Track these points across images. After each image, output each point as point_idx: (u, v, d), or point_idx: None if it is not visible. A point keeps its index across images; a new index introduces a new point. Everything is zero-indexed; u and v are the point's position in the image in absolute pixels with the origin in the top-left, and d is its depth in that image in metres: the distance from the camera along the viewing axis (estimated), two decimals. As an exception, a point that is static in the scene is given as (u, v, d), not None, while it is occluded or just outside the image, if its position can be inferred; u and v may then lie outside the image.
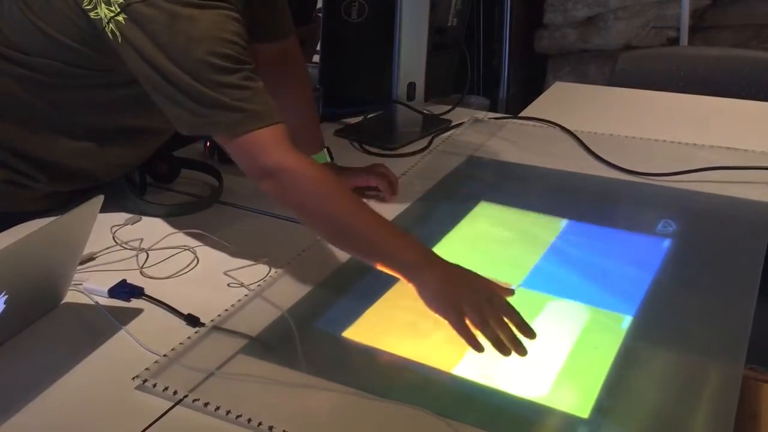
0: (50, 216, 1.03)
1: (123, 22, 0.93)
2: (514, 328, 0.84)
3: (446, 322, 0.86)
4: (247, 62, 0.95)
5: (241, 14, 0.97)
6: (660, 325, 0.93)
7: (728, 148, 1.42)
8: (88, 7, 0.94)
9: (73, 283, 0.95)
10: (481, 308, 0.85)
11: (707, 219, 1.22)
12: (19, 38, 1.02)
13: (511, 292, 0.90)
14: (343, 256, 1.06)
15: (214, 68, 0.92)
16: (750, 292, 0.97)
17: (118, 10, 0.92)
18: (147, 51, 0.92)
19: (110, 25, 0.93)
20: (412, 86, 1.50)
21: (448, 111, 1.59)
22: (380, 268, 0.92)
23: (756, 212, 1.19)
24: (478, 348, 0.83)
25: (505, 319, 0.85)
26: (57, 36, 0.99)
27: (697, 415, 0.78)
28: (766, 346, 0.98)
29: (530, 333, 0.84)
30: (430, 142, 1.47)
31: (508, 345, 0.83)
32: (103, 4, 0.93)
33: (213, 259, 1.05)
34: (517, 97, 2.89)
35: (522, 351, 0.83)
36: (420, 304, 0.94)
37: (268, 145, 0.95)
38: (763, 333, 0.93)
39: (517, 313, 0.85)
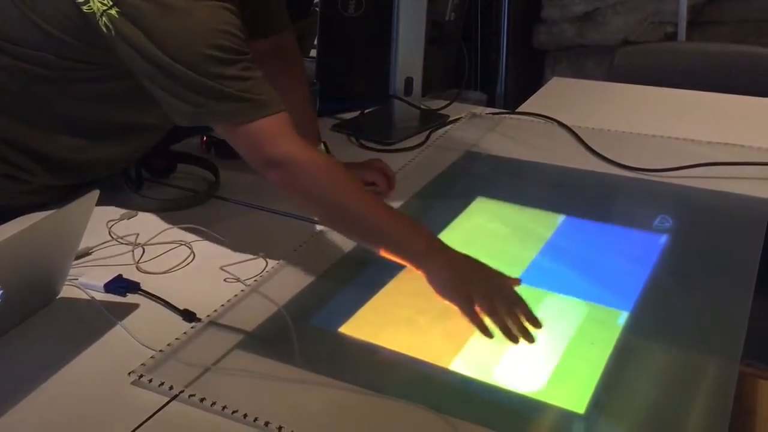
0: (45, 210, 1.03)
1: (116, 15, 0.92)
2: (521, 317, 0.86)
3: (442, 317, 0.86)
4: (245, 52, 0.95)
5: (236, 7, 0.97)
6: (656, 321, 0.93)
7: (726, 143, 1.41)
8: (80, 0, 0.94)
9: (68, 277, 0.95)
10: (491, 296, 0.87)
11: (704, 215, 1.22)
12: (12, 30, 1.02)
13: (518, 281, 0.92)
14: (340, 251, 1.06)
15: (215, 60, 0.92)
16: (746, 288, 0.97)
17: (111, 3, 0.92)
18: (141, 45, 0.92)
19: (103, 18, 0.93)
20: (409, 81, 1.50)
21: (446, 106, 1.59)
22: (389, 256, 0.93)
23: (753, 208, 1.19)
24: (488, 334, 0.85)
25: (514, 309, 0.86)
26: (50, 29, 0.99)
27: (693, 411, 0.78)
28: (762, 341, 0.98)
29: (537, 323, 0.87)
30: (428, 137, 1.47)
31: (516, 333, 0.85)
32: None
33: (209, 254, 1.05)
34: (514, 92, 2.88)
35: (530, 338, 0.85)
36: (417, 300, 0.94)
37: (273, 134, 0.95)
38: (760, 329, 0.93)
39: (525, 303, 0.88)
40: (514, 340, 0.85)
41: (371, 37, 1.56)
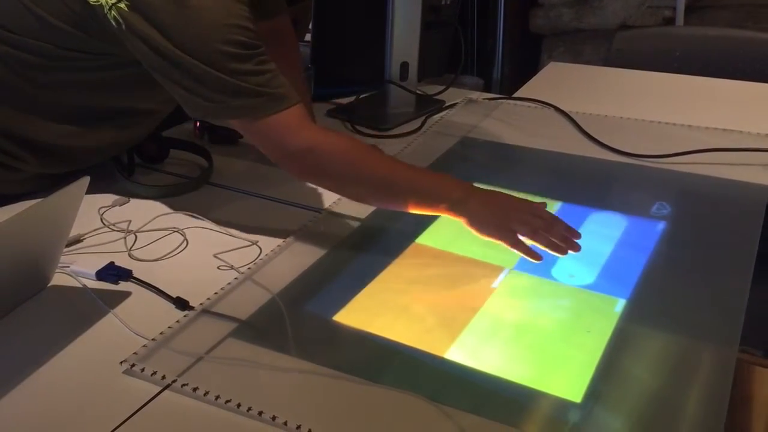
0: (36, 198, 1.02)
1: (126, 9, 0.91)
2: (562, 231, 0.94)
3: (438, 305, 0.87)
4: (259, 45, 0.94)
5: None
6: (654, 309, 0.92)
7: (724, 129, 1.41)
8: None
9: (60, 265, 0.94)
10: (529, 222, 0.94)
11: (702, 201, 1.21)
12: (8, 18, 1.00)
13: (545, 204, 0.99)
14: (334, 238, 1.05)
15: (231, 56, 0.91)
16: (744, 275, 0.96)
17: None
18: (155, 40, 0.91)
19: (112, 11, 0.91)
20: (405, 66, 1.48)
21: (442, 91, 1.57)
22: (428, 212, 0.97)
23: (751, 194, 1.18)
24: (536, 257, 0.93)
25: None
26: (49, 18, 0.97)
27: (690, 399, 0.78)
28: (760, 328, 0.98)
29: (576, 233, 0.94)
30: (423, 123, 1.46)
31: (562, 245, 0.93)
32: None
33: (202, 241, 1.04)
34: (511, 77, 2.86)
35: (575, 247, 0.93)
36: (412, 288, 0.94)
37: (293, 126, 0.95)
38: (757, 316, 0.93)
39: (560, 219, 0.95)
40: (561, 252, 0.92)
41: (366, 21, 1.54)
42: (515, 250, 0.93)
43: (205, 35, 0.91)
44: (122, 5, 0.91)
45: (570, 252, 0.93)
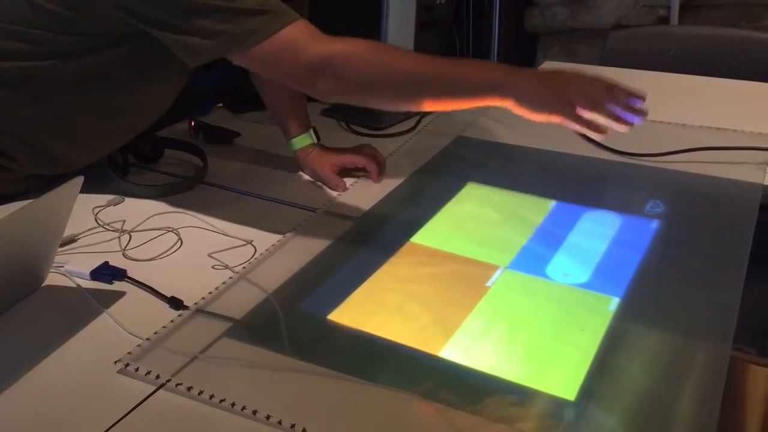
0: (29, 198, 1.01)
1: None
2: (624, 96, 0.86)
3: (432, 303, 0.86)
4: None
5: None
6: (647, 307, 0.93)
7: (718, 128, 1.41)
8: None
9: (54, 265, 0.94)
10: (588, 91, 0.86)
11: (696, 200, 1.21)
12: (2, 9, 0.99)
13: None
14: (329, 237, 1.05)
15: None
16: (738, 273, 0.96)
17: None
18: None
19: None
20: (400, 65, 1.48)
21: (437, 90, 1.57)
22: (468, 104, 0.90)
23: (745, 193, 1.19)
24: (600, 131, 0.85)
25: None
26: (40, 2, 0.96)
27: (684, 397, 0.78)
28: (753, 327, 0.98)
29: (640, 93, 0.86)
30: (418, 122, 1.46)
31: (624, 119, 0.85)
32: None
33: (197, 240, 1.04)
34: (506, 76, 2.86)
35: (643, 113, 0.85)
36: (407, 287, 0.94)
37: (305, 39, 0.91)
38: (751, 314, 0.93)
39: (617, 82, 0.86)
40: (623, 126, 0.85)
41: (361, 19, 1.54)
42: (575, 126, 0.86)
43: None
44: None
45: (636, 121, 0.86)
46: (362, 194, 1.17)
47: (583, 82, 0.88)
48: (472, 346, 0.84)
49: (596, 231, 1.09)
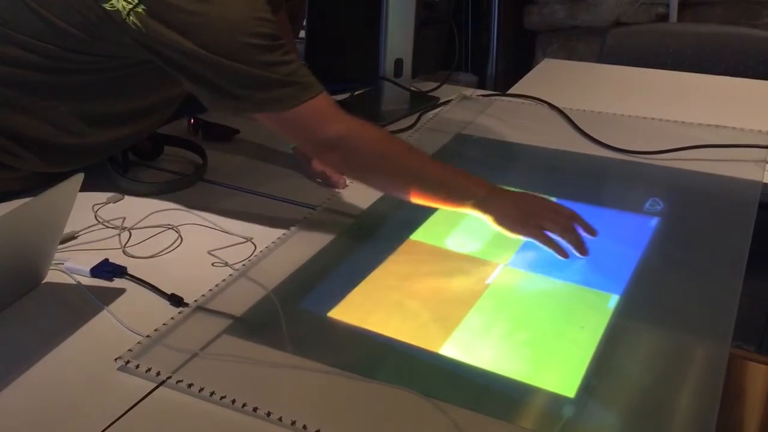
0: (30, 196, 1.01)
1: (143, 13, 0.90)
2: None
3: (432, 301, 0.87)
4: (281, 37, 0.94)
5: None
6: (647, 304, 0.93)
7: (717, 126, 1.41)
8: None
9: (54, 262, 0.94)
10: (555, 220, 0.97)
11: (695, 197, 1.21)
12: (13, 19, 0.99)
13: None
14: (329, 235, 1.05)
15: (258, 48, 0.91)
16: (737, 271, 0.97)
17: (137, 1, 0.90)
18: (175, 41, 0.90)
19: (130, 17, 0.91)
20: (399, 63, 1.48)
21: (436, 88, 1.57)
22: (452, 208, 0.99)
23: (744, 190, 1.19)
24: (565, 254, 0.95)
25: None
26: (56, 22, 0.96)
27: (683, 394, 0.78)
28: (752, 324, 0.98)
29: (593, 231, 0.98)
30: (418, 120, 1.46)
31: (584, 247, 0.95)
32: None
33: (197, 238, 1.04)
34: (505, 74, 2.86)
35: (585, 251, 0.96)
36: (407, 284, 0.94)
37: (324, 114, 0.96)
38: (750, 311, 0.93)
39: (577, 214, 0.98)
40: (584, 252, 0.95)
41: (361, 17, 1.54)
42: (544, 245, 0.95)
43: (230, 29, 0.90)
44: (140, 9, 0.90)
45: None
46: (362, 191, 1.17)
47: (551, 212, 0.98)
48: (472, 343, 0.84)
49: (595, 228, 1.09)
